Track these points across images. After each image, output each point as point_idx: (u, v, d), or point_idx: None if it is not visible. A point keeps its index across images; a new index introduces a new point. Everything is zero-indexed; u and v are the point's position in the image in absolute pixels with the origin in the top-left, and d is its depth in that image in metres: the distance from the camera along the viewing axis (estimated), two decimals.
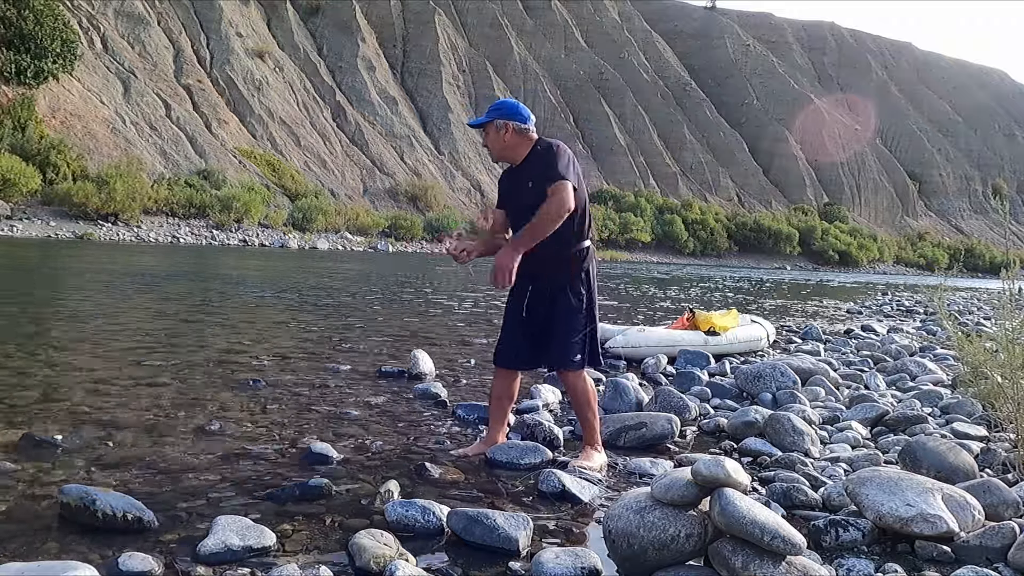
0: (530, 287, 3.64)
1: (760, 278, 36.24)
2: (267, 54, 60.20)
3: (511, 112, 3.61)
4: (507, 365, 3.77)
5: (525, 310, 3.66)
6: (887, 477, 2.81)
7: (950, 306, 16.46)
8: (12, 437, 3.50)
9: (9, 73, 37.93)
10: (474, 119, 3.75)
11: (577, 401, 3.70)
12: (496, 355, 3.82)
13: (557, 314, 3.60)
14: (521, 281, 3.57)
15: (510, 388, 3.80)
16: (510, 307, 3.77)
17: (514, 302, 3.74)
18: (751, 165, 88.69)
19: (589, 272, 3.67)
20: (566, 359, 3.61)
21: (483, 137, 3.73)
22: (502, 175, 3.81)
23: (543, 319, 3.64)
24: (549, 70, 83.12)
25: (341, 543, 2.56)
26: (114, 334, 6.95)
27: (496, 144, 3.64)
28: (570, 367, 3.62)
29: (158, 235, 34.44)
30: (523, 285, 3.64)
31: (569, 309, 3.60)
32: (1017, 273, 4.59)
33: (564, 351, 3.60)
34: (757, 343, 8.04)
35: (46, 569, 2.15)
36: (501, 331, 3.82)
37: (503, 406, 3.80)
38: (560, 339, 3.60)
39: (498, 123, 3.60)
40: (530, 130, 3.62)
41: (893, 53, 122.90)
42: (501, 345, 3.79)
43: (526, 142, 3.61)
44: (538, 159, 3.56)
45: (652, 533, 2.36)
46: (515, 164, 3.66)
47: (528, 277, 3.58)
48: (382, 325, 9.06)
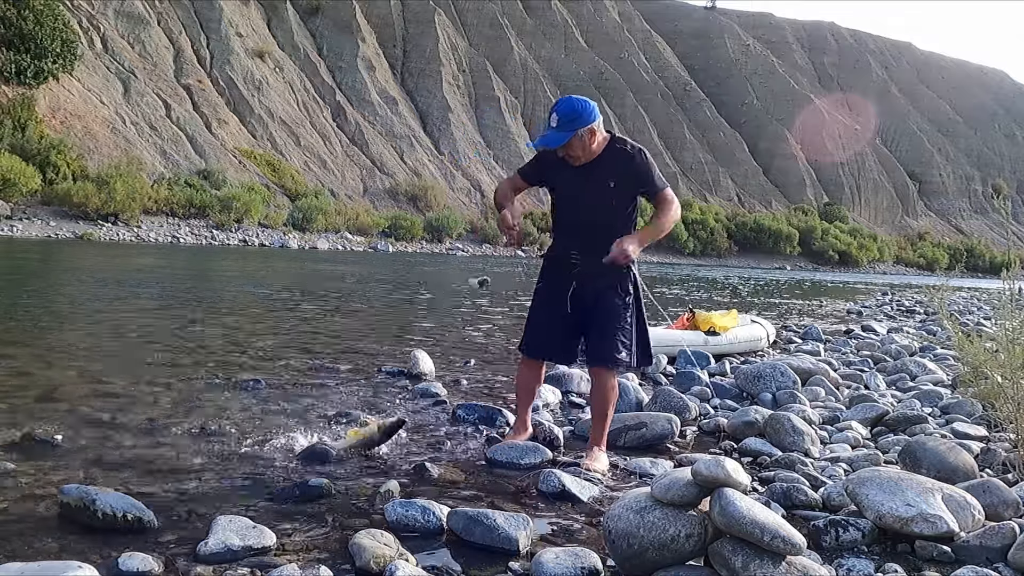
0: (574, 283, 3.64)
1: (760, 278, 36.23)
2: (267, 54, 60.15)
3: (587, 115, 3.48)
4: (539, 356, 3.83)
5: (569, 305, 3.64)
6: (887, 477, 2.81)
7: (950, 306, 16.45)
8: (12, 437, 3.50)
9: (9, 73, 37.89)
10: (550, 138, 3.52)
11: (604, 399, 3.72)
12: (527, 347, 3.85)
13: (601, 310, 3.62)
14: (565, 275, 3.65)
15: (538, 377, 3.91)
16: (544, 299, 3.77)
17: (551, 294, 3.72)
18: (751, 165, 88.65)
19: (636, 273, 3.68)
20: (608, 355, 3.62)
21: (562, 150, 3.58)
22: (552, 157, 3.68)
23: (585, 314, 3.65)
24: (549, 70, 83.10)
25: (341, 543, 2.56)
26: (114, 334, 6.95)
27: (584, 152, 3.54)
28: (610, 364, 3.63)
29: (158, 235, 34.43)
30: (566, 279, 3.66)
31: (615, 306, 3.62)
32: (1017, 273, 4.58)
33: (607, 347, 3.61)
34: (757, 343, 8.04)
35: (46, 569, 2.15)
36: (530, 323, 3.83)
37: (532, 394, 3.92)
38: (604, 334, 3.61)
39: (580, 132, 3.48)
40: (602, 124, 3.58)
41: (893, 53, 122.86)
42: (532, 337, 3.81)
43: (602, 139, 3.59)
44: (619, 160, 3.56)
45: (652, 533, 2.36)
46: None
47: (574, 272, 3.62)
48: (382, 325, 9.06)
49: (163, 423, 3.94)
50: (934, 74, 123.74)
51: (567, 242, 3.71)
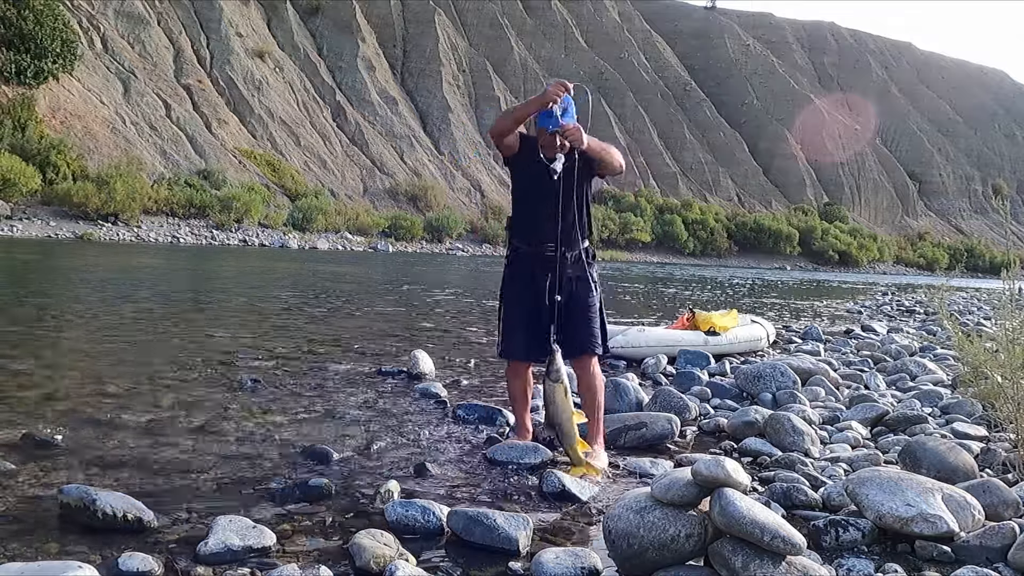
0: (548, 275, 3.69)
1: (760, 278, 36.23)
2: (267, 54, 60.13)
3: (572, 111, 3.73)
4: (524, 358, 3.85)
5: (548, 298, 3.68)
6: (887, 477, 2.81)
7: (950, 306, 16.45)
8: (12, 437, 3.50)
9: (9, 73, 37.88)
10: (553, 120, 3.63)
11: (594, 388, 3.77)
12: (509, 351, 3.83)
13: (577, 301, 3.72)
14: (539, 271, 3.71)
15: (528, 379, 3.95)
16: (518, 299, 3.79)
17: (524, 293, 3.76)
18: (751, 165, 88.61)
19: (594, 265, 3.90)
20: (592, 342, 3.74)
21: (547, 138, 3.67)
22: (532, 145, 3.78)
23: (563, 307, 3.70)
24: (549, 70, 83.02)
25: (341, 543, 2.56)
26: (114, 334, 6.95)
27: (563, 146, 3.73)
28: (595, 350, 3.75)
29: (158, 235, 34.42)
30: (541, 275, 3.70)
31: (589, 295, 3.76)
32: (1017, 273, 4.58)
33: (590, 335, 3.73)
34: (757, 343, 8.03)
35: (46, 569, 2.15)
36: (508, 326, 3.82)
37: (527, 397, 3.96)
38: (586, 323, 3.74)
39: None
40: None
41: (893, 53, 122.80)
42: (513, 340, 3.80)
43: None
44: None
45: (652, 533, 2.36)
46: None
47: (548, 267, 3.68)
48: (382, 325, 9.06)
49: (163, 423, 3.94)
50: (934, 74, 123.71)
51: (541, 236, 3.74)
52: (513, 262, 3.86)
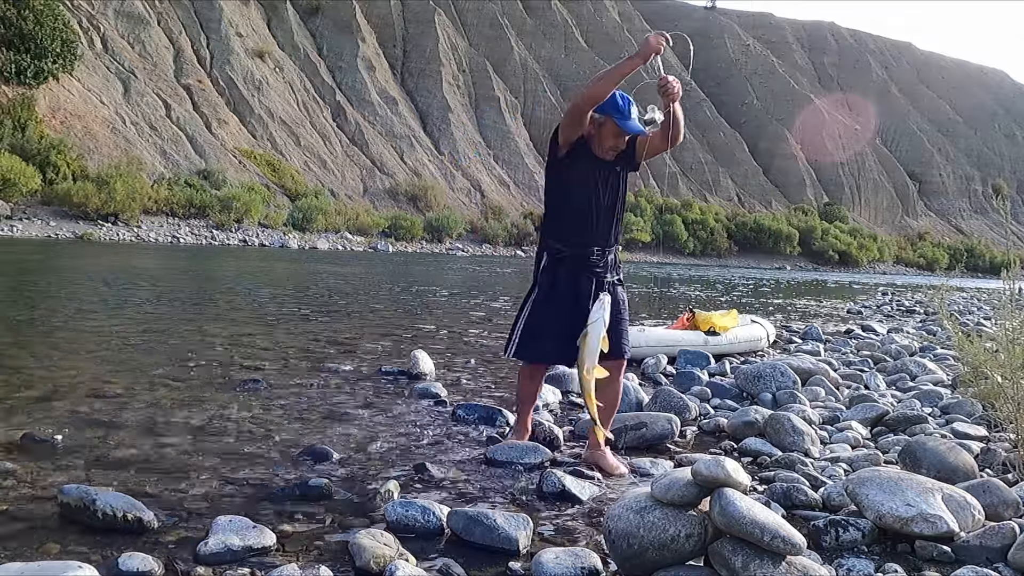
0: (592, 278, 3.64)
1: (760, 278, 36.23)
2: (267, 54, 60.14)
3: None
4: (546, 360, 3.84)
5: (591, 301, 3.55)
6: (887, 477, 2.81)
7: (950, 306, 16.45)
8: (12, 437, 3.50)
9: (9, 73, 37.89)
10: (634, 126, 3.61)
11: (618, 393, 3.77)
12: (528, 353, 3.71)
13: (617, 304, 3.68)
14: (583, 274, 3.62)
15: (541, 383, 3.95)
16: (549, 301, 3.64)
17: (562, 296, 3.62)
18: (751, 165, 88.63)
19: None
20: (624, 348, 3.72)
21: (619, 142, 3.66)
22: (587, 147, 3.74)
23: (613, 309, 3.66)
24: (549, 70, 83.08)
25: (341, 543, 2.56)
26: (114, 334, 6.94)
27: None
28: (626, 355, 3.75)
29: (158, 235, 34.43)
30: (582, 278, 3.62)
31: (623, 300, 3.74)
32: (1017, 273, 4.58)
33: (623, 340, 3.70)
34: (757, 343, 8.04)
35: (46, 569, 2.15)
36: (530, 328, 3.66)
37: (535, 398, 3.96)
38: (624, 328, 3.73)
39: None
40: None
41: (893, 53, 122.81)
42: (536, 342, 3.66)
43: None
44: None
45: (652, 533, 2.36)
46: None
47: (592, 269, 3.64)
48: (382, 325, 9.06)
49: (163, 423, 3.94)
50: (934, 74, 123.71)
51: (587, 239, 3.62)
52: (553, 266, 3.65)
